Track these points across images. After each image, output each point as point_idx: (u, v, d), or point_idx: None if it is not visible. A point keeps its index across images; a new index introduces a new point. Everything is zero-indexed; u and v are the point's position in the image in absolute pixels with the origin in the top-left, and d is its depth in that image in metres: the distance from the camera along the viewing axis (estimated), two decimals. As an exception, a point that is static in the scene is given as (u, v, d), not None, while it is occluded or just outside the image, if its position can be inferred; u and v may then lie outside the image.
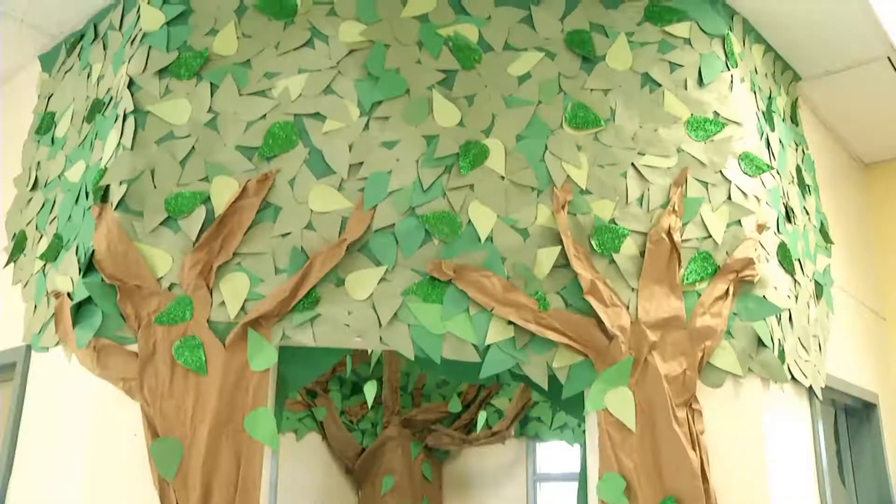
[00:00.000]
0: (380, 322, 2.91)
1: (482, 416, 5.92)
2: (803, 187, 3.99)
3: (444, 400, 6.44)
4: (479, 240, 3.01)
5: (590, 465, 2.98)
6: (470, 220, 3.02)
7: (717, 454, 2.99)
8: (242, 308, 2.90)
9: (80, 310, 2.98)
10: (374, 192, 3.02)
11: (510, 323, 2.92)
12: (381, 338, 2.90)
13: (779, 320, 3.32)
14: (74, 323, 2.98)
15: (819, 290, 3.92)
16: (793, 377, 3.38)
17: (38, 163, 3.71)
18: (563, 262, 3.01)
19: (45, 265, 3.34)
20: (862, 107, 4.66)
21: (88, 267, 2.95)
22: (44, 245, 3.38)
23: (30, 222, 3.64)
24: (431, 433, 6.38)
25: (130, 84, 3.12)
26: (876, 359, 4.96)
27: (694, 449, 2.91)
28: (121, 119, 3.08)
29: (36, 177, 3.70)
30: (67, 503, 2.89)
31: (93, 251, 2.93)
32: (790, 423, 3.42)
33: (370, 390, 4.78)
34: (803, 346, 3.57)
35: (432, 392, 6.55)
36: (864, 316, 4.91)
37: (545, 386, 2.91)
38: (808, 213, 4.00)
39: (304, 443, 6.33)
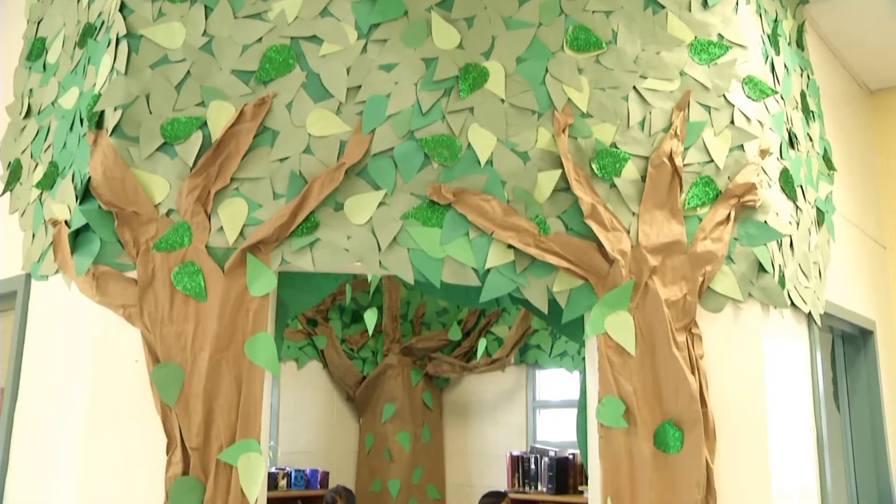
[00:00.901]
0: (379, 246, 2.89)
1: (482, 344, 5.96)
2: (807, 113, 3.94)
3: (445, 328, 6.49)
4: (479, 163, 2.97)
5: (589, 389, 3.00)
6: (469, 144, 2.99)
7: (716, 378, 3.00)
8: (241, 233, 2.88)
9: (79, 237, 2.97)
10: (373, 116, 2.98)
11: (510, 247, 2.91)
12: (380, 262, 2.89)
13: (779, 246, 3.31)
14: (73, 250, 2.97)
15: (820, 217, 3.90)
16: (792, 303, 3.38)
17: (31, 90, 3.66)
18: (563, 186, 2.99)
19: (41, 193, 3.31)
20: (869, 32, 4.59)
21: (85, 194, 2.92)
22: (39, 173, 3.34)
23: (24, 150, 3.60)
24: (432, 361, 6.43)
25: (122, 7, 3.05)
26: (875, 287, 4.98)
27: (693, 373, 2.92)
28: (113, 43, 3.02)
29: (29, 104, 3.65)
30: (71, 429, 2.92)
31: (89, 178, 2.90)
32: (789, 349, 3.44)
33: (371, 318, 4.80)
34: (803, 273, 3.57)
35: (432, 320, 6.59)
36: (864, 244, 4.91)
37: (545, 310, 2.91)
38: (811, 139, 3.96)
39: (305, 371, 6.38)
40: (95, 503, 2.81)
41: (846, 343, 4.80)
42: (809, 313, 3.64)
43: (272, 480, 5.62)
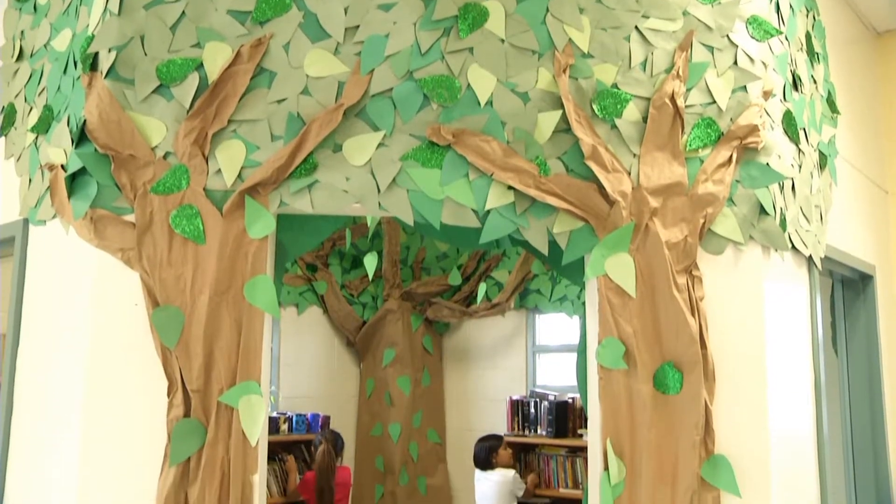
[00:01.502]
0: (378, 188, 2.87)
1: (482, 289, 5.96)
2: (812, 55, 3.89)
3: (445, 273, 6.49)
4: (479, 104, 2.94)
5: (589, 331, 3.00)
6: (469, 84, 2.94)
7: (716, 321, 3.01)
8: (239, 176, 2.86)
9: (75, 181, 2.95)
10: (371, 56, 2.93)
11: (510, 188, 2.89)
12: (379, 203, 2.87)
13: (781, 188, 3.29)
14: (70, 194, 2.95)
15: (823, 161, 3.87)
16: (793, 246, 3.37)
17: (22, 32, 3.61)
18: (564, 127, 2.95)
19: (36, 138, 3.28)
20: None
21: (81, 137, 2.90)
22: (34, 117, 3.31)
23: (18, 94, 3.56)
24: (432, 306, 6.45)
25: (114, -55, 2.99)
26: (876, 231, 4.97)
27: (693, 315, 2.92)
28: (106, -17, 2.96)
29: (20, 47, 3.60)
30: (72, 374, 2.93)
31: (84, 121, 2.87)
32: (788, 292, 3.44)
33: (370, 262, 4.79)
34: (805, 216, 3.55)
35: (432, 265, 6.59)
36: (866, 188, 4.88)
37: (545, 252, 2.90)
38: (815, 81, 3.91)
39: (306, 317, 6.40)
40: (98, 446, 2.83)
41: (845, 288, 4.80)
42: (810, 257, 3.64)
43: (274, 425, 5.67)
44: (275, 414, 5.83)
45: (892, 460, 4.64)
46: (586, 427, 3.28)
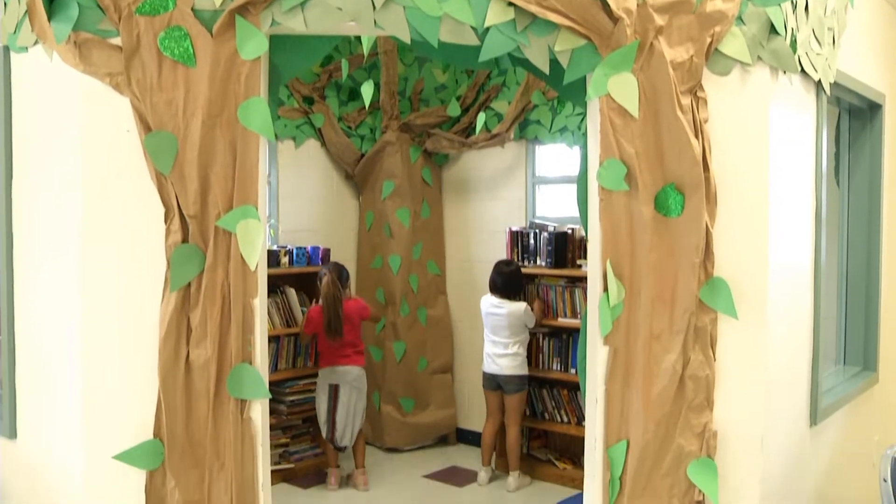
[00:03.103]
0: (374, 4, 2.75)
1: (481, 119, 5.86)
2: None
3: (443, 104, 6.37)
4: (477, -87, 2.77)
5: (590, 152, 2.95)
6: None
7: (720, 143, 2.95)
8: (228, -7, 2.74)
9: (55, 2, 2.82)
10: None
11: (510, 4, 2.76)
12: (375, 21, 2.75)
13: (794, 8, 3.15)
14: (50, 17, 2.83)
15: (839, -21, 3.71)
16: (802, 69, 3.27)
17: None
18: (567, -61, 2.80)
19: (10, -43, 3.12)
20: None
21: (57, -47, 2.75)
22: (7, -67, 3.14)
23: None
24: (430, 137, 6.37)
25: None
26: (890, 59, 4.81)
27: (697, 137, 2.86)
28: None
29: None
30: (69, 204, 2.90)
31: (61, -65, 2.72)
32: (795, 118, 3.36)
33: (367, 91, 4.68)
34: (816, 39, 3.42)
35: (431, 97, 6.46)
36: (884, 12, 4.71)
37: (546, 70, 2.81)
38: None
39: (303, 150, 6.34)
40: (97, 275, 2.84)
41: (852, 117, 4.71)
42: (819, 82, 3.53)
43: (274, 258, 5.71)
44: (275, 247, 5.86)
45: (883, 293, 4.69)
46: (585, 258, 3.29)
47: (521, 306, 5.56)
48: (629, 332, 2.93)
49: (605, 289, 2.91)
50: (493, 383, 5.69)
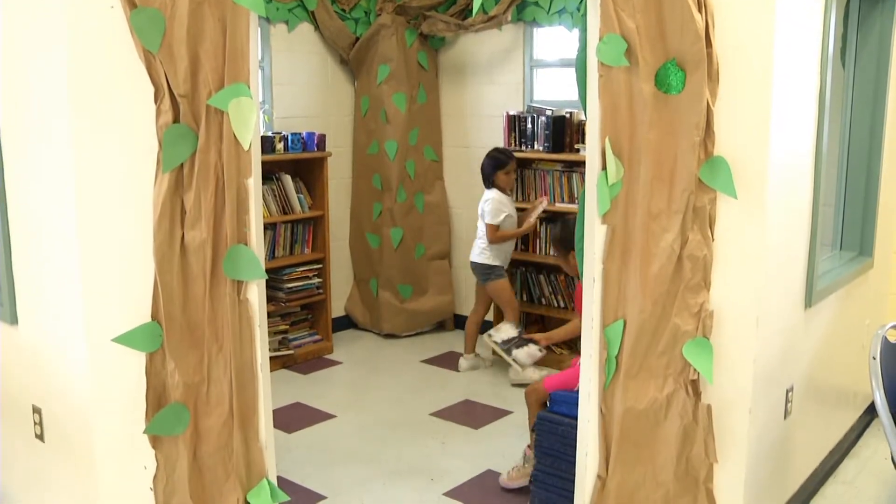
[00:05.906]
0: None
1: (478, 1, 5.69)
2: None
3: (440, -15, 6.21)
4: None
5: (590, 26, 2.86)
6: None
7: (724, 18, 2.85)
8: None
9: None
10: None
11: None
12: None
13: None
14: None
15: None
16: (811, -59, 3.15)
17: None
18: None
19: None
20: None
21: None
22: None
23: None
24: (426, 20, 6.21)
25: None
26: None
27: (700, 11, 2.76)
28: None
29: None
30: (55, 86, 2.81)
31: None
32: (802, -5, 3.25)
33: (360, -30, 4.54)
34: None
35: (426, -23, 6.28)
36: None
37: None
38: None
39: (297, 34, 6.20)
40: (89, 159, 2.78)
41: (862, -1, 4.56)
42: (828, -46, 3.42)
43: (268, 144, 5.64)
44: (269, 133, 5.78)
45: (882, 180, 4.65)
46: (584, 142, 3.23)
47: (487, 195, 5.58)
48: (627, 210, 2.90)
49: (604, 167, 2.87)
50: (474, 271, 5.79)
